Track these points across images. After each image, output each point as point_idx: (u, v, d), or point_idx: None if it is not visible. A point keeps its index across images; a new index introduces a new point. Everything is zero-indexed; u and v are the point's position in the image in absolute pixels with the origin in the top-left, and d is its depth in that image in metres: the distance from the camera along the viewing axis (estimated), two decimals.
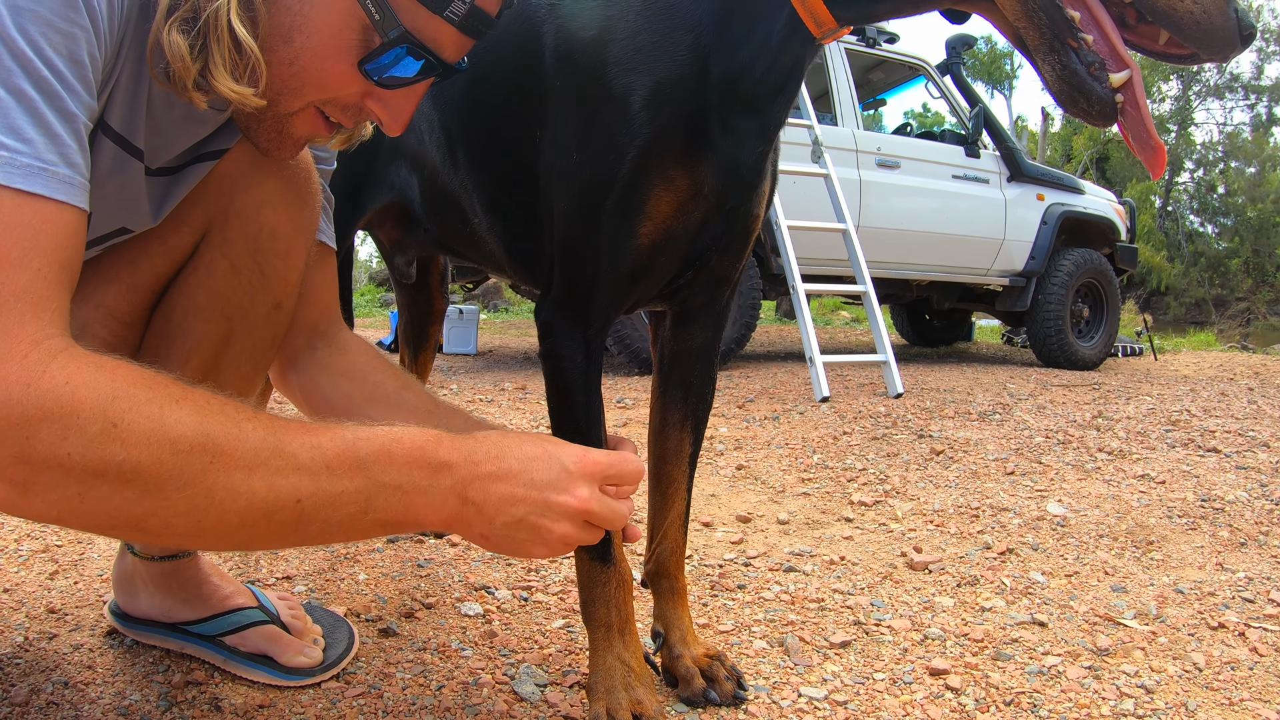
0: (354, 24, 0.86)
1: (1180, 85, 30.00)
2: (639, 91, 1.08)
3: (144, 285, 1.12)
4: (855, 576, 1.82)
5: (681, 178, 1.09)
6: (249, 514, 0.76)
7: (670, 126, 1.08)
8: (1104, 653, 1.48)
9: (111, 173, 0.96)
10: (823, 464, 2.88)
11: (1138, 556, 2.00)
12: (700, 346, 1.31)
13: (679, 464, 1.34)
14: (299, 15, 0.86)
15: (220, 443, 0.75)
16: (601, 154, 1.10)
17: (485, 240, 1.39)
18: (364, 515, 0.83)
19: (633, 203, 1.09)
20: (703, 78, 1.08)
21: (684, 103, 1.08)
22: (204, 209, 1.11)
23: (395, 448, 0.85)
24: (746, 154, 1.12)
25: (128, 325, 1.14)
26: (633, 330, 5.18)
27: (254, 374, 1.20)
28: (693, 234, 1.14)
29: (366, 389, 1.20)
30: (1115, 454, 3.07)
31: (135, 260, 1.10)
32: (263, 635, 1.29)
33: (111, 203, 1.00)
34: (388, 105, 0.93)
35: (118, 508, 0.72)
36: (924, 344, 8.76)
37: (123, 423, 0.70)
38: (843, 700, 1.29)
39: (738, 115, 1.10)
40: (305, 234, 1.17)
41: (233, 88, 0.86)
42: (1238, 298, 26.68)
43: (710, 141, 1.10)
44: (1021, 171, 6.72)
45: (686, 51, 1.08)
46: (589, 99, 1.12)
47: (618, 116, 1.09)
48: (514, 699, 1.25)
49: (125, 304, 1.12)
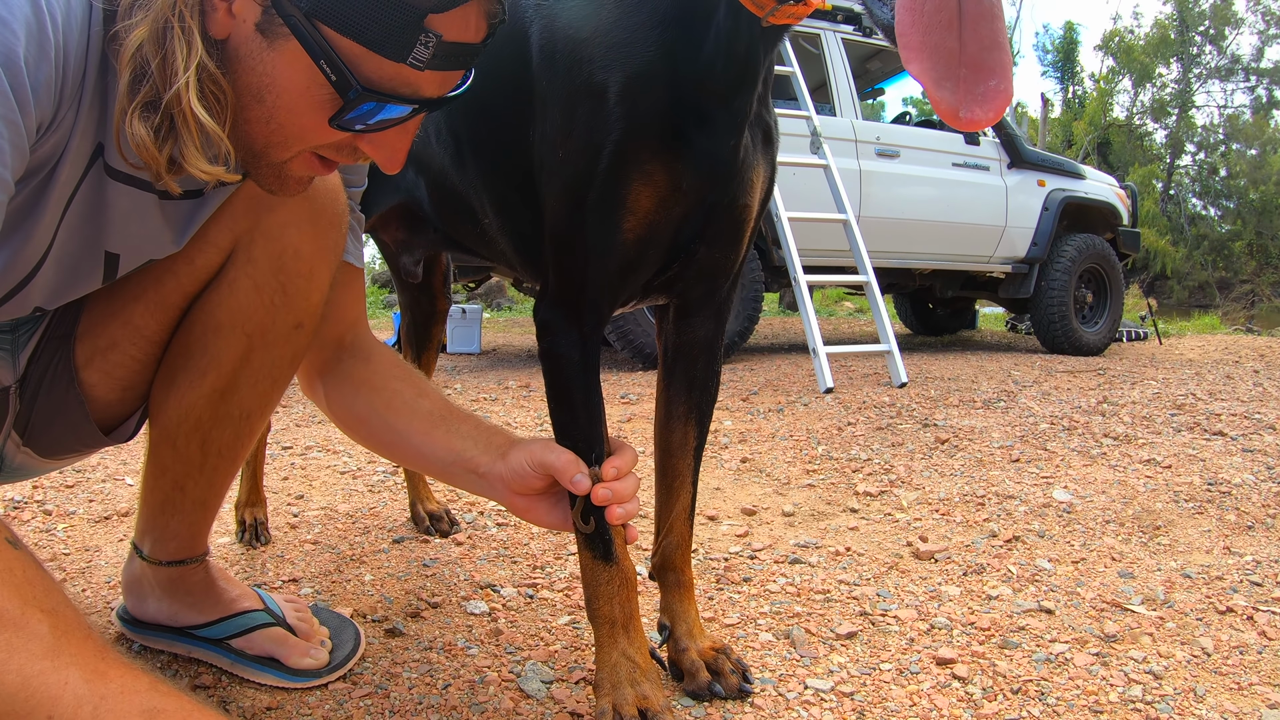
0: (318, 80, 0.83)
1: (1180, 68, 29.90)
2: (613, 88, 1.09)
3: (171, 303, 1.14)
4: (861, 567, 1.82)
5: (659, 172, 1.09)
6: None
7: (644, 121, 1.09)
8: (1112, 639, 1.47)
9: (132, 212, 0.98)
10: (827, 455, 2.88)
11: (1144, 542, 2.00)
12: (703, 339, 1.31)
13: (684, 457, 1.34)
14: (264, 75, 0.84)
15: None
16: (581, 150, 1.10)
17: (496, 239, 1.40)
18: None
19: (613, 198, 1.09)
20: (673, 73, 1.09)
21: (656, 98, 1.09)
22: (230, 230, 1.12)
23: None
24: (722, 147, 1.12)
25: (154, 343, 1.17)
26: (635, 326, 5.18)
27: (272, 391, 1.22)
28: (675, 227, 1.14)
29: (385, 397, 1.22)
30: (1121, 439, 3.07)
31: (162, 279, 1.12)
32: (269, 638, 1.30)
33: (135, 239, 1.01)
34: (380, 146, 0.92)
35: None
36: (928, 333, 8.75)
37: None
38: (849, 691, 1.29)
39: (709, 108, 1.11)
40: (330, 255, 1.18)
41: (205, 169, 0.84)
42: (1241, 280, 26.61)
43: (686, 136, 1.10)
44: (1022, 158, 6.70)
45: (655, 47, 1.08)
46: (569, 96, 1.13)
47: (594, 113, 1.09)
48: (520, 696, 1.25)
49: (152, 322, 1.14)
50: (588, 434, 1.16)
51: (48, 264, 0.95)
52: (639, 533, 1.18)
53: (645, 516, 2.02)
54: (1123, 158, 28.15)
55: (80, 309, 1.12)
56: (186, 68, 0.80)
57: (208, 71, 0.81)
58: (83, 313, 1.13)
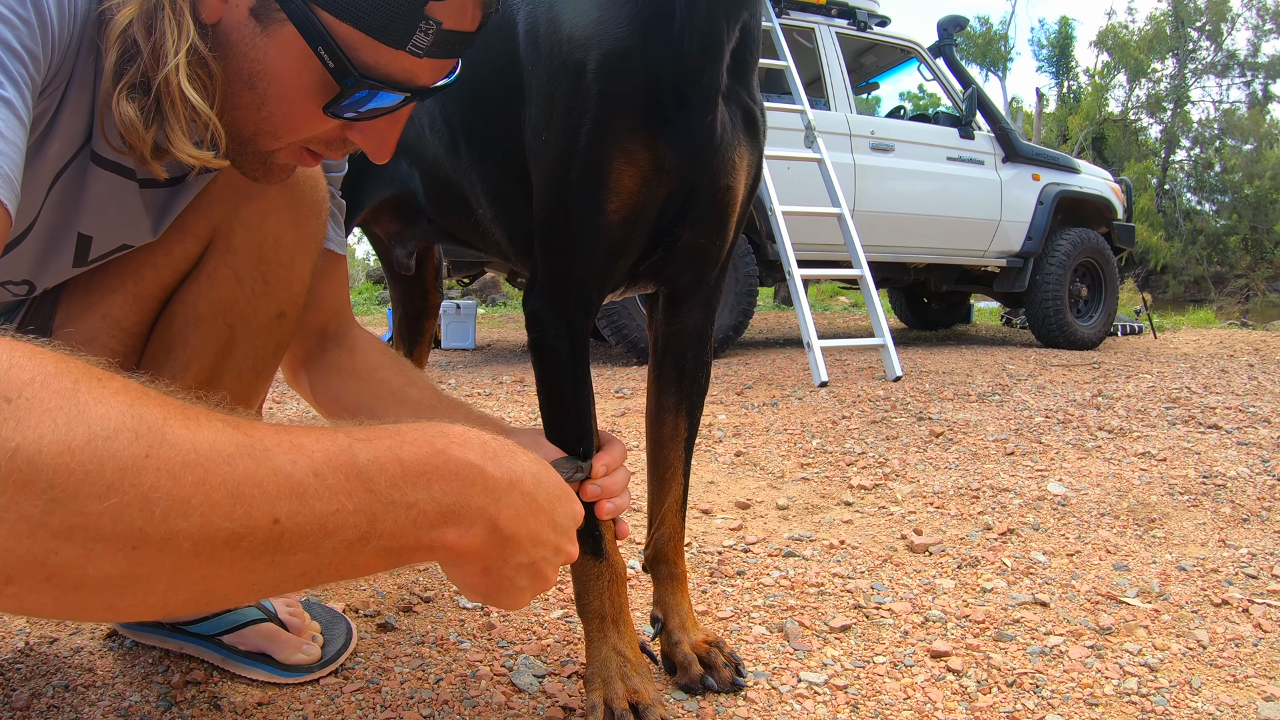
0: (312, 67, 0.81)
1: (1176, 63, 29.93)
2: (590, 66, 1.08)
3: (149, 295, 1.13)
4: (855, 560, 1.82)
5: (640, 150, 1.09)
6: (205, 540, 0.55)
7: (622, 98, 1.08)
8: (1107, 632, 1.47)
9: (109, 197, 0.96)
10: (822, 449, 2.87)
11: (1139, 534, 2.00)
12: (692, 328, 1.31)
13: (675, 448, 1.33)
14: (256, 61, 0.82)
15: (161, 432, 0.54)
16: (563, 131, 1.10)
17: (490, 229, 1.39)
18: (365, 543, 0.63)
19: (594, 177, 1.08)
20: (648, 48, 1.08)
21: (633, 75, 1.08)
22: (208, 219, 1.10)
23: (405, 450, 0.67)
24: (699, 124, 1.12)
25: (134, 335, 1.14)
26: (629, 320, 5.18)
27: (256, 382, 1.20)
28: (659, 208, 1.14)
29: (373, 386, 1.21)
30: (1116, 432, 3.07)
31: (140, 271, 1.11)
32: (261, 633, 1.29)
33: (112, 224, 1.00)
34: (369, 135, 0.91)
35: (14, 533, 0.50)
36: (922, 327, 8.75)
37: (19, 397, 0.50)
38: (843, 684, 1.28)
39: (685, 86, 1.10)
40: (310, 243, 1.17)
41: (192, 154, 0.83)
42: (1236, 275, 26.65)
43: (665, 114, 1.09)
44: (1016, 152, 6.70)
45: (628, 24, 1.08)
46: (550, 78, 1.12)
47: (573, 91, 1.09)
48: (512, 690, 1.25)
49: (132, 314, 1.12)
50: (577, 427, 1.15)
51: (31, 237, 0.94)
52: (630, 527, 1.18)
53: (638, 510, 2.01)
54: (1118, 152, 28.16)
55: (56, 303, 1.11)
56: (177, 50, 0.78)
57: (198, 55, 0.80)
58: (59, 307, 1.11)
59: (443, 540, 0.69)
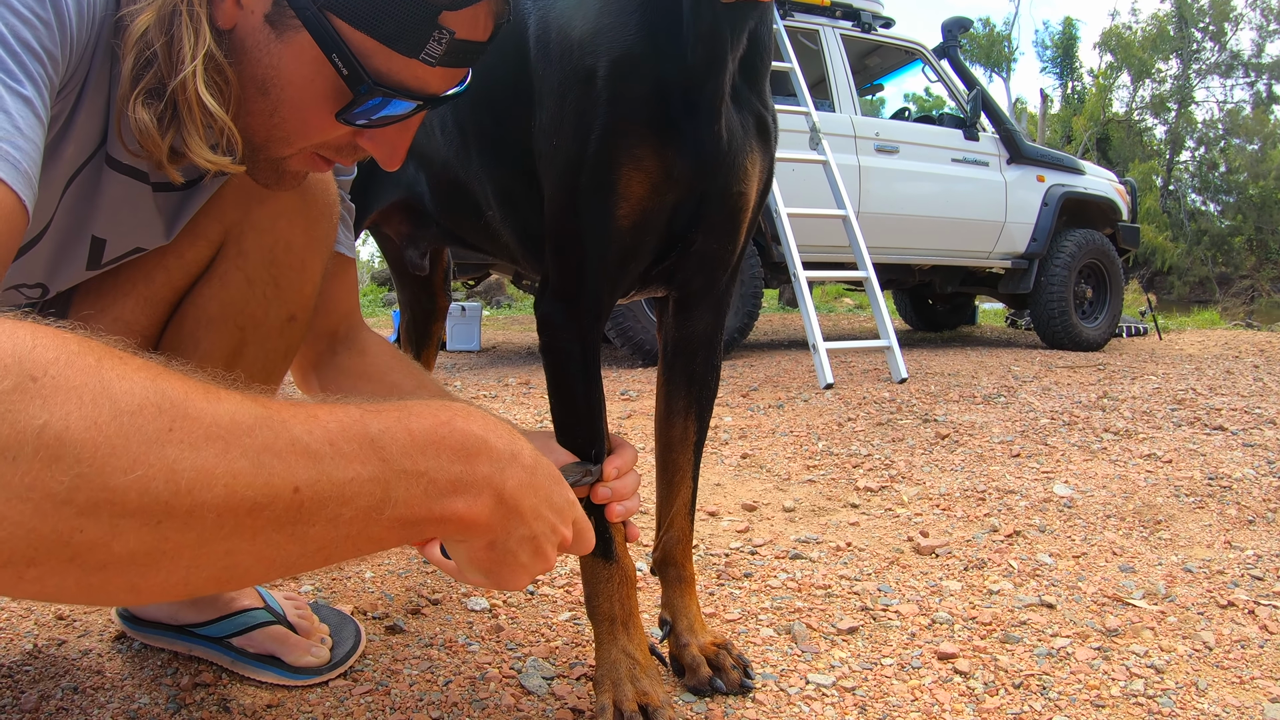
0: (325, 73, 0.82)
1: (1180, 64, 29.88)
2: (600, 73, 1.09)
3: (161, 298, 1.13)
4: (862, 562, 1.82)
5: (649, 157, 1.09)
6: (229, 510, 0.57)
7: (631, 106, 1.09)
8: (1113, 633, 1.47)
9: (123, 200, 0.97)
10: (828, 451, 2.88)
11: (1145, 536, 2.00)
12: (702, 333, 1.31)
13: (684, 451, 1.34)
14: (270, 67, 0.83)
15: (183, 405, 0.56)
16: (573, 137, 1.11)
17: (500, 232, 1.40)
18: (379, 512, 0.65)
19: (604, 183, 1.09)
20: (656, 55, 1.08)
21: (641, 82, 1.09)
22: (220, 222, 1.11)
23: (413, 422, 0.69)
24: (706, 132, 1.12)
25: (145, 338, 1.15)
26: (635, 322, 5.18)
27: (266, 385, 1.21)
28: (669, 214, 1.14)
29: (383, 389, 1.22)
30: (1121, 434, 3.06)
31: (151, 274, 1.11)
32: (270, 636, 1.29)
33: (125, 227, 1.01)
34: (380, 143, 0.91)
35: (38, 512, 0.50)
36: (927, 329, 8.74)
37: (44, 376, 0.50)
38: (851, 686, 1.28)
39: (692, 93, 1.10)
40: (321, 246, 1.18)
41: (209, 158, 0.84)
42: (1241, 275, 26.59)
43: (674, 121, 1.10)
44: (1021, 153, 6.69)
45: (636, 31, 1.08)
46: (560, 84, 1.13)
47: (582, 97, 1.10)
48: (521, 692, 1.25)
49: (143, 317, 1.13)
50: (589, 430, 1.15)
51: (45, 240, 0.94)
52: (639, 530, 1.18)
53: (646, 513, 2.02)
54: (1122, 153, 28.11)
55: (67, 307, 1.12)
56: (194, 56, 0.79)
57: (214, 61, 0.81)
58: (70, 310, 1.12)
59: (454, 510, 0.70)
